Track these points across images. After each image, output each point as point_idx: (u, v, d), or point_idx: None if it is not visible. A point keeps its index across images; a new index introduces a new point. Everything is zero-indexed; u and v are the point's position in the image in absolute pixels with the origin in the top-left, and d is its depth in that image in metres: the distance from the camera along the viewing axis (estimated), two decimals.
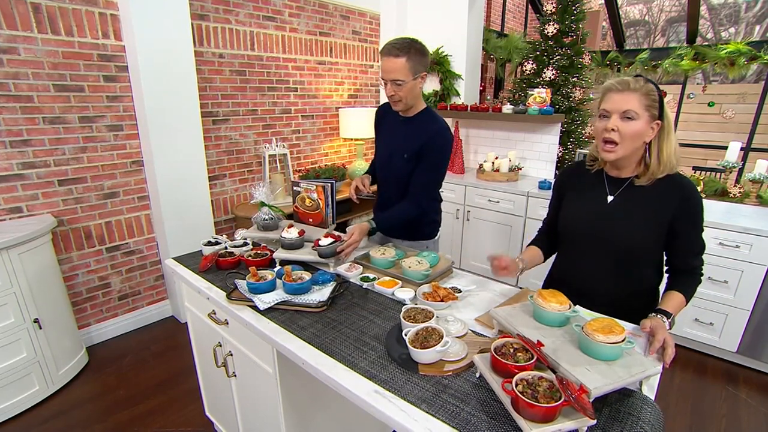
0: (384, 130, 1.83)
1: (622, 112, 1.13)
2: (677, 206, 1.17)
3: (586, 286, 1.31)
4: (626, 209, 1.22)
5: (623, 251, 1.23)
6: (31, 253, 2.06)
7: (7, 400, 2.01)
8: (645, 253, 1.23)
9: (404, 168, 1.69)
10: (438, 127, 1.64)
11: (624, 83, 1.14)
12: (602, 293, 1.29)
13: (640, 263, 1.25)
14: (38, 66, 2.19)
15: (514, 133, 3.60)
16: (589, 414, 0.76)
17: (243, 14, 2.98)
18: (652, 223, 1.20)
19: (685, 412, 2.15)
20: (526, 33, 6.69)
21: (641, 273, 1.27)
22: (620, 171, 1.26)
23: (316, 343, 1.11)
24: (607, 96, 1.17)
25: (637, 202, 1.21)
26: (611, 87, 1.17)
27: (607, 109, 1.16)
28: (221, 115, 3.00)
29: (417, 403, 0.89)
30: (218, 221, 3.11)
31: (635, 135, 1.13)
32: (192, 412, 2.09)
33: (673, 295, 1.21)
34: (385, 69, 1.53)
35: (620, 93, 1.14)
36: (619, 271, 1.26)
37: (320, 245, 1.48)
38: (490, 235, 3.34)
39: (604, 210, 1.26)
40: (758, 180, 2.70)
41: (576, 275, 1.35)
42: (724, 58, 4.36)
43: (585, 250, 1.30)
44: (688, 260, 1.23)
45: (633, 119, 1.12)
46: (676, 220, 1.18)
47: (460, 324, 1.15)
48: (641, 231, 1.20)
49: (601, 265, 1.28)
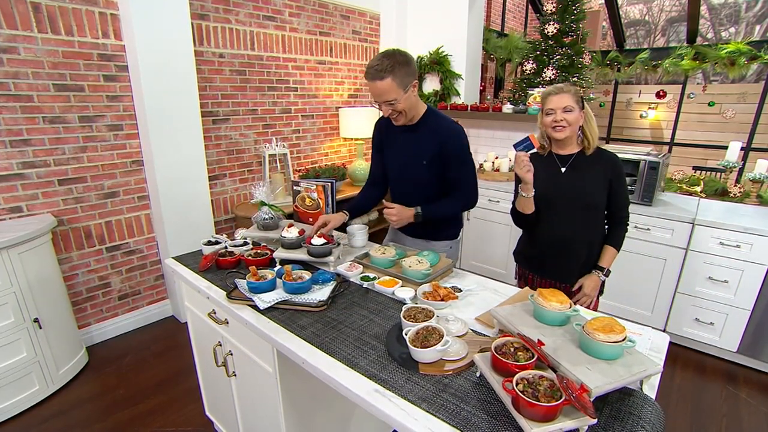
0: (390, 143, 1.77)
1: (563, 107, 1.54)
2: (611, 170, 1.59)
3: (558, 237, 1.66)
4: (578, 175, 1.62)
5: (584, 204, 1.61)
6: (31, 252, 2.06)
7: (7, 399, 2.01)
8: (597, 204, 1.62)
9: (425, 174, 1.68)
10: (447, 124, 1.65)
11: (559, 88, 1.57)
12: (572, 241, 1.65)
13: (596, 213, 1.64)
14: (38, 65, 2.18)
15: (514, 132, 3.59)
16: (589, 413, 0.76)
17: (243, 14, 2.98)
18: (599, 182, 1.60)
19: (685, 411, 2.15)
20: (527, 33, 6.69)
21: (596, 221, 1.66)
22: (565, 149, 1.65)
23: (317, 343, 1.11)
24: (549, 99, 1.58)
25: (584, 169, 1.62)
26: (550, 92, 1.58)
27: (552, 108, 1.56)
28: (221, 115, 3.00)
29: (417, 402, 0.89)
30: (218, 221, 3.11)
31: (575, 120, 1.56)
32: (192, 411, 2.08)
33: (608, 250, 1.66)
34: (375, 93, 1.51)
35: (558, 95, 1.55)
36: (582, 221, 1.63)
37: (312, 244, 1.48)
38: (490, 234, 3.34)
39: (562, 178, 1.64)
40: (758, 180, 2.69)
41: (550, 231, 1.68)
42: (724, 58, 4.35)
43: (554, 209, 1.64)
44: (620, 212, 1.65)
45: (571, 111, 1.54)
46: (612, 180, 1.59)
47: (461, 323, 1.15)
48: (592, 188, 1.60)
49: (568, 218, 1.63)
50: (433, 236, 1.81)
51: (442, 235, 1.82)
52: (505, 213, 3.19)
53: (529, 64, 3.67)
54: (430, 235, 1.81)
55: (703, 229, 2.43)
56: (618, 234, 1.68)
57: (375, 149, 1.87)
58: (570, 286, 1.69)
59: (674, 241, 2.52)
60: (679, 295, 2.57)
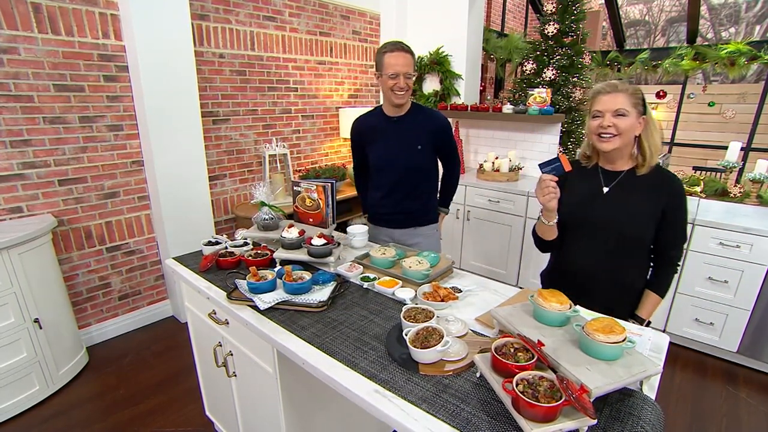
0: (378, 136, 1.90)
1: (614, 110, 1.25)
2: (668, 198, 1.28)
3: (581, 269, 1.39)
4: (623, 199, 1.32)
5: (622, 236, 1.31)
6: (31, 253, 2.06)
7: (8, 399, 2.01)
8: (638, 238, 1.32)
9: (421, 157, 1.86)
10: (436, 113, 1.91)
11: (612, 86, 1.27)
12: (595, 276, 1.37)
13: (632, 249, 1.34)
14: (38, 66, 2.19)
15: (514, 133, 3.60)
16: (589, 414, 0.76)
17: (243, 14, 2.98)
18: (648, 212, 1.30)
19: (685, 411, 2.15)
20: (527, 33, 6.69)
21: (637, 258, 1.36)
22: (614, 164, 1.36)
23: (317, 343, 1.11)
24: (598, 98, 1.29)
25: (632, 191, 1.32)
26: (601, 90, 1.29)
27: (600, 110, 1.28)
28: (221, 115, 3.00)
29: (417, 402, 0.89)
30: (218, 221, 3.11)
31: (628, 129, 1.26)
32: (192, 411, 2.09)
33: (649, 297, 1.36)
34: (399, 63, 1.68)
35: (609, 94, 1.26)
36: (613, 255, 1.34)
37: (312, 244, 1.49)
38: (490, 235, 3.34)
39: (603, 200, 1.35)
40: (758, 180, 2.69)
41: (577, 262, 1.41)
42: (724, 58, 4.35)
43: (586, 237, 1.37)
44: (670, 249, 1.35)
45: (625, 116, 1.25)
46: (667, 210, 1.29)
47: (461, 324, 1.15)
48: (638, 219, 1.30)
49: (596, 249, 1.36)
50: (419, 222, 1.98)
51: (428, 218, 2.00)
52: (504, 213, 3.19)
53: (529, 64, 3.67)
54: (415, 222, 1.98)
55: (703, 230, 2.43)
56: (664, 277, 1.36)
57: (354, 147, 2.05)
58: None
59: None
60: (679, 295, 2.57)
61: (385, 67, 1.70)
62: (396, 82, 1.70)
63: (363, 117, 1.98)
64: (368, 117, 1.96)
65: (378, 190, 1.98)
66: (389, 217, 1.97)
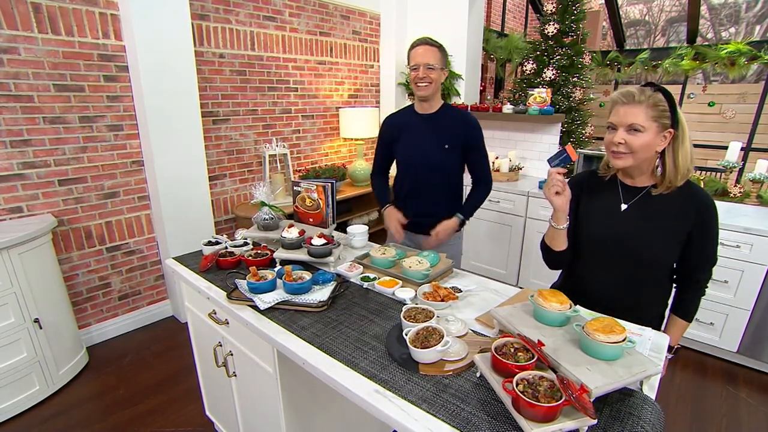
0: (406, 133, 1.89)
1: (628, 126, 1.11)
2: (695, 219, 1.15)
3: (593, 290, 1.29)
4: (642, 219, 1.19)
5: (640, 259, 1.20)
6: (31, 252, 2.06)
7: (8, 399, 2.01)
8: (656, 262, 1.21)
9: (447, 157, 1.83)
10: (471, 117, 1.86)
11: (629, 96, 1.12)
12: (608, 299, 1.26)
13: (653, 275, 1.23)
14: (38, 66, 2.19)
15: (514, 132, 3.60)
16: (589, 414, 0.76)
17: (243, 14, 2.98)
18: (670, 235, 1.18)
19: (685, 411, 2.15)
20: (527, 33, 6.69)
21: (648, 284, 1.25)
22: (634, 180, 1.23)
23: (317, 343, 1.11)
24: (614, 109, 1.15)
25: (653, 212, 1.18)
26: (617, 100, 1.15)
27: (614, 123, 1.15)
28: (221, 115, 3.00)
29: (417, 402, 0.89)
30: (218, 221, 3.11)
31: (643, 147, 1.11)
32: (192, 411, 2.08)
33: (675, 323, 1.25)
34: (421, 54, 1.71)
35: (625, 106, 1.12)
36: (628, 279, 1.23)
37: (312, 244, 1.49)
38: (490, 235, 3.34)
39: (619, 219, 1.23)
40: (758, 180, 2.69)
41: (590, 283, 1.31)
42: (724, 58, 4.36)
43: (599, 258, 1.27)
44: (698, 273, 1.23)
45: (640, 131, 1.10)
46: (694, 232, 1.16)
47: (461, 324, 1.15)
48: (658, 242, 1.18)
49: (611, 271, 1.25)
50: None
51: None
52: (504, 213, 3.19)
53: (529, 64, 3.67)
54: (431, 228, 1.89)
55: None
56: (691, 301, 1.25)
57: (380, 144, 2.02)
58: None
59: None
60: None
61: (409, 61, 1.76)
62: (416, 73, 1.72)
63: (395, 114, 1.99)
64: (399, 114, 1.97)
65: (401, 190, 1.95)
66: (412, 223, 1.93)
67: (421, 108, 1.86)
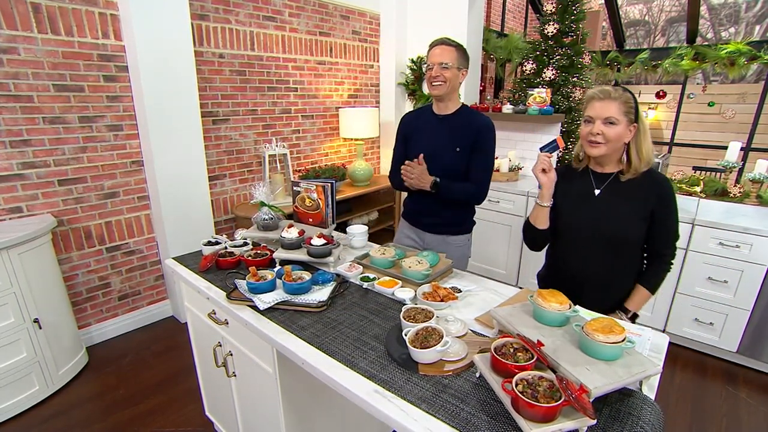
0: (420, 132, 1.88)
1: (605, 118, 1.28)
2: (656, 199, 1.33)
3: (574, 269, 1.45)
4: (613, 201, 1.37)
5: (612, 238, 1.36)
6: (31, 253, 2.06)
7: (7, 400, 2.01)
8: (628, 240, 1.37)
9: (457, 161, 1.79)
10: (486, 119, 1.79)
11: (605, 93, 1.29)
12: (588, 276, 1.42)
13: (622, 250, 1.39)
14: (38, 66, 2.18)
15: (514, 133, 3.60)
16: (589, 414, 0.76)
17: (243, 14, 2.98)
18: (637, 213, 1.34)
19: (685, 411, 2.15)
20: (526, 33, 6.69)
21: (622, 260, 1.40)
22: (603, 167, 1.41)
23: (316, 343, 1.11)
24: (591, 104, 1.32)
25: (621, 194, 1.36)
26: (594, 96, 1.32)
27: (591, 116, 1.31)
28: (221, 115, 3.00)
29: (417, 402, 0.89)
30: (218, 221, 3.11)
31: (616, 137, 1.29)
32: (192, 411, 2.09)
33: (639, 291, 1.40)
34: (436, 54, 1.70)
35: (602, 101, 1.29)
36: (605, 256, 1.39)
37: (312, 244, 1.49)
38: (490, 235, 3.34)
39: (594, 202, 1.40)
40: (758, 180, 2.70)
41: (570, 263, 1.46)
42: (724, 58, 4.35)
43: (578, 239, 1.42)
44: (663, 248, 1.39)
45: (614, 124, 1.28)
46: (656, 210, 1.34)
47: (460, 324, 1.15)
48: (627, 220, 1.35)
49: (589, 250, 1.41)
50: (456, 230, 1.91)
51: (463, 228, 1.92)
52: (504, 213, 3.19)
53: (529, 64, 3.67)
54: (449, 230, 1.90)
55: (703, 230, 2.43)
56: (655, 273, 1.40)
57: (399, 142, 1.98)
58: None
59: None
60: (679, 295, 2.57)
61: (427, 60, 1.75)
62: (431, 72, 1.72)
63: (413, 112, 1.98)
64: (418, 112, 1.96)
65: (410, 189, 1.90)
66: (421, 218, 1.93)
67: (437, 108, 1.84)
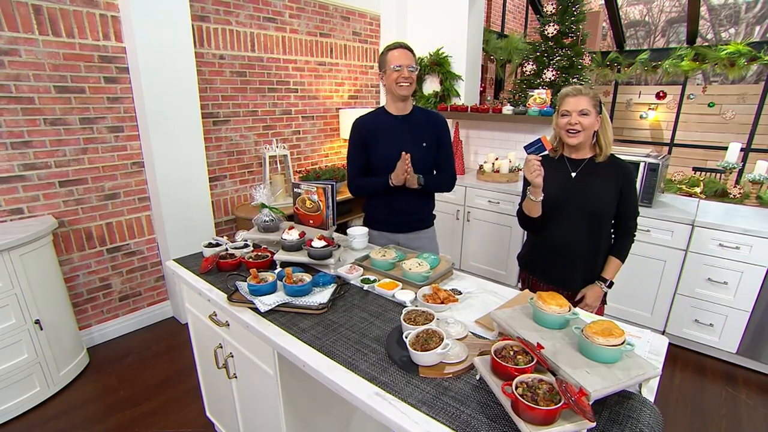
0: (383, 134, 1.89)
1: (579, 110, 1.51)
2: (623, 178, 1.58)
3: (563, 243, 1.66)
4: (588, 181, 1.60)
5: (591, 211, 1.60)
6: (32, 254, 2.06)
7: (9, 401, 2.01)
8: (605, 212, 1.60)
9: (426, 156, 1.90)
10: (440, 115, 1.98)
11: (577, 90, 1.54)
12: (576, 248, 1.64)
13: (602, 222, 1.62)
14: (39, 67, 2.19)
15: (514, 134, 3.60)
16: (588, 417, 0.76)
17: (243, 15, 2.98)
18: (609, 190, 1.58)
19: (685, 412, 2.15)
20: (527, 34, 6.69)
21: (603, 230, 1.65)
22: (578, 153, 1.64)
23: (317, 345, 1.11)
24: (566, 100, 1.55)
25: (595, 175, 1.60)
26: (568, 93, 1.55)
27: (568, 109, 1.54)
28: (222, 117, 3.00)
29: (417, 405, 0.89)
30: (219, 222, 3.11)
31: (590, 125, 1.53)
32: (193, 412, 2.09)
33: (612, 261, 1.66)
34: (402, 56, 1.78)
35: (575, 97, 1.52)
36: (588, 229, 1.62)
37: (312, 246, 1.49)
38: (490, 236, 3.34)
39: (572, 183, 1.62)
40: (758, 181, 2.70)
41: (555, 236, 1.67)
42: (724, 59, 4.36)
43: (561, 215, 1.63)
44: (629, 221, 1.64)
45: (587, 114, 1.51)
46: (624, 188, 1.58)
47: (461, 326, 1.15)
48: (602, 194, 1.59)
49: (574, 225, 1.63)
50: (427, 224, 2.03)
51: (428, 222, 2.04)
52: (504, 214, 3.19)
53: (529, 65, 3.67)
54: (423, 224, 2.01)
55: (703, 231, 2.43)
56: (624, 245, 1.66)
57: (356, 148, 1.95)
58: (572, 293, 1.68)
59: (674, 242, 2.53)
60: (679, 296, 2.58)
61: (389, 62, 1.77)
62: (400, 73, 1.76)
63: (366, 116, 1.95)
64: (372, 116, 1.94)
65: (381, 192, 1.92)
66: (391, 219, 1.95)
67: (397, 109, 1.87)
